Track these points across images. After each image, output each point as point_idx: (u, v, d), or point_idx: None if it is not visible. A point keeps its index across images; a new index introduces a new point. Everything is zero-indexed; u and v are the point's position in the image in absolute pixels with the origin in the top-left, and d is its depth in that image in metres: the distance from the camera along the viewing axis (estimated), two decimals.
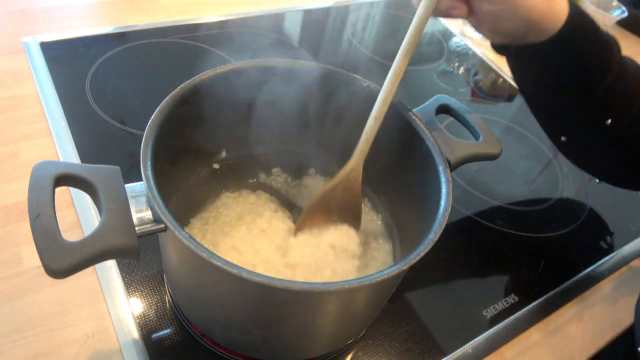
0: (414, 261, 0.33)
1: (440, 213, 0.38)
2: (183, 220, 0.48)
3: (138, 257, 0.34)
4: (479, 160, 0.47)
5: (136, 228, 0.34)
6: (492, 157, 0.48)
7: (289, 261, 0.45)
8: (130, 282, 0.47)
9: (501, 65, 0.91)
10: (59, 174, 0.34)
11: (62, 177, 0.34)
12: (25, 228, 0.49)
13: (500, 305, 0.54)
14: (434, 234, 0.35)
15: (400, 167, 0.47)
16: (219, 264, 0.30)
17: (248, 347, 0.43)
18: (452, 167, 0.44)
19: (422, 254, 0.34)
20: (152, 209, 0.35)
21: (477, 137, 0.48)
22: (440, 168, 0.41)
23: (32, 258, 0.47)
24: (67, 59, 0.68)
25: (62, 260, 0.30)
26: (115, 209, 0.34)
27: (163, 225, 0.34)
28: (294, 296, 0.33)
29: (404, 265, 0.33)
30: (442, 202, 0.38)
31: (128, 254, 0.33)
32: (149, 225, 0.34)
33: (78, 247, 0.31)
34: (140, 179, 0.34)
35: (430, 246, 0.35)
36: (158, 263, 0.49)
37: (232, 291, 0.36)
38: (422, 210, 0.42)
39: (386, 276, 0.33)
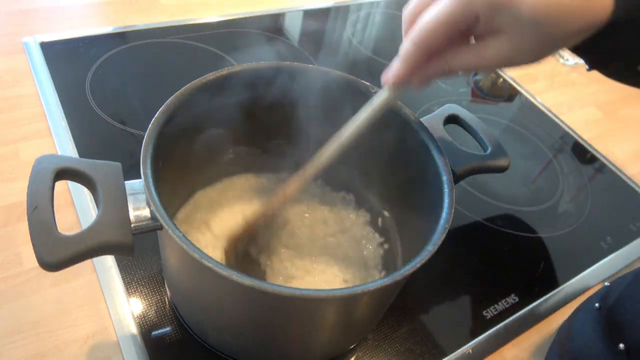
0: (409, 272, 0.33)
1: (441, 224, 0.37)
2: (185, 219, 0.48)
3: (132, 253, 0.34)
4: (486, 172, 0.46)
5: (132, 225, 0.34)
6: (499, 170, 0.47)
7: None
8: (130, 282, 0.47)
9: None
10: (60, 167, 0.34)
11: (63, 171, 0.34)
12: (25, 228, 0.48)
13: (500, 305, 0.54)
14: (432, 246, 0.35)
15: (405, 174, 0.47)
16: (210, 264, 0.30)
17: (241, 350, 0.43)
18: (458, 178, 0.44)
19: (419, 265, 0.34)
20: (149, 206, 0.35)
21: (485, 149, 0.48)
22: (444, 179, 0.41)
23: (32, 258, 0.47)
24: (67, 59, 0.68)
25: (56, 253, 0.30)
26: (112, 204, 0.34)
27: (159, 224, 0.34)
28: (284, 301, 0.33)
29: (398, 276, 0.33)
30: (443, 214, 0.38)
31: (122, 250, 0.33)
32: (144, 223, 0.34)
33: (72, 240, 0.31)
34: (139, 178, 0.34)
35: (427, 258, 0.34)
36: (158, 263, 0.49)
37: (224, 293, 0.36)
38: (424, 218, 0.42)
39: (380, 286, 0.32)
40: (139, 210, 0.34)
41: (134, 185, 0.35)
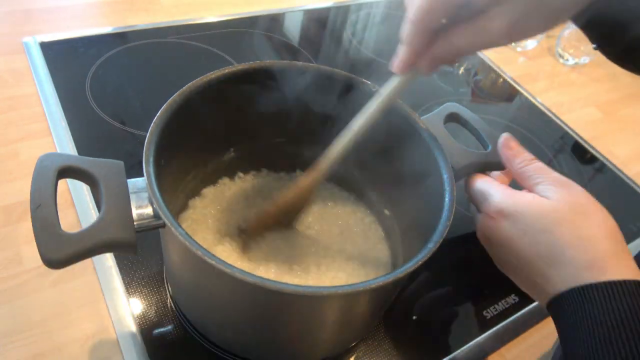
0: (411, 270, 0.33)
1: (442, 222, 0.37)
2: (189, 217, 0.48)
3: (135, 251, 0.34)
4: (486, 169, 0.46)
5: (135, 223, 0.34)
6: (499, 167, 0.47)
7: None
8: (130, 282, 0.47)
9: (501, 65, 0.91)
10: (63, 165, 0.34)
11: (66, 169, 0.34)
12: (25, 228, 0.49)
13: (501, 306, 0.54)
14: (433, 243, 0.36)
15: (406, 173, 0.47)
16: (213, 262, 0.30)
17: (243, 348, 0.43)
18: (459, 176, 0.44)
19: (420, 262, 0.34)
20: (152, 204, 0.35)
21: (485, 147, 0.48)
22: (445, 177, 0.41)
23: (32, 258, 0.47)
24: (67, 59, 0.68)
25: (60, 251, 0.30)
26: (115, 202, 0.34)
27: (162, 222, 0.34)
28: (287, 298, 0.33)
29: (400, 274, 0.33)
30: (444, 212, 0.38)
31: (125, 248, 0.33)
32: (147, 221, 0.34)
33: (76, 238, 0.31)
34: (141, 177, 0.35)
35: (429, 255, 0.35)
36: (158, 263, 0.49)
37: (227, 291, 0.36)
38: (425, 217, 0.42)
39: (381, 283, 0.32)
40: (141, 209, 0.34)
41: (136, 183, 0.35)
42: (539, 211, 0.37)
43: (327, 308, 0.37)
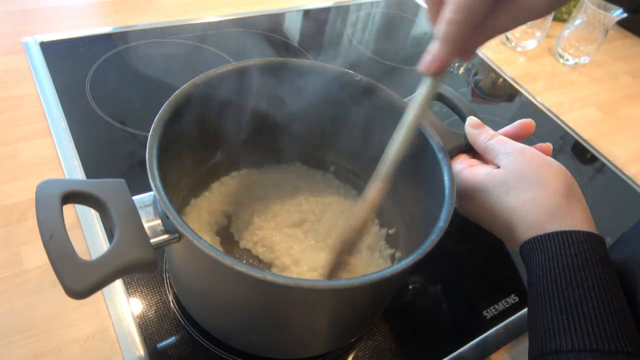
0: (429, 249, 0.33)
1: (446, 202, 0.37)
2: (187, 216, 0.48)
3: (156, 269, 0.34)
4: (470, 150, 0.47)
5: (150, 240, 0.33)
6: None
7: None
8: (130, 282, 0.47)
9: (501, 65, 0.91)
10: (66, 191, 0.33)
11: (69, 195, 0.33)
12: (25, 228, 0.49)
13: (501, 306, 0.54)
14: (443, 222, 0.35)
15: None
16: (242, 269, 0.30)
17: (265, 347, 0.43)
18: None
19: (435, 242, 0.34)
20: (162, 218, 0.35)
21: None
22: (440, 156, 0.41)
23: (32, 258, 0.47)
24: (67, 59, 0.68)
25: (83, 281, 0.30)
26: (127, 223, 0.33)
27: (177, 235, 0.34)
28: (317, 295, 0.33)
29: (419, 256, 0.33)
30: (447, 191, 0.38)
31: (146, 267, 0.33)
32: (164, 237, 0.34)
33: (97, 265, 0.30)
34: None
35: (441, 235, 0.34)
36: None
37: (254, 295, 0.36)
38: (424, 203, 0.42)
39: (405, 266, 0.33)
40: (150, 222, 0.34)
41: (142, 199, 0.35)
42: (491, 186, 0.41)
43: (355, 298, 0.37)
